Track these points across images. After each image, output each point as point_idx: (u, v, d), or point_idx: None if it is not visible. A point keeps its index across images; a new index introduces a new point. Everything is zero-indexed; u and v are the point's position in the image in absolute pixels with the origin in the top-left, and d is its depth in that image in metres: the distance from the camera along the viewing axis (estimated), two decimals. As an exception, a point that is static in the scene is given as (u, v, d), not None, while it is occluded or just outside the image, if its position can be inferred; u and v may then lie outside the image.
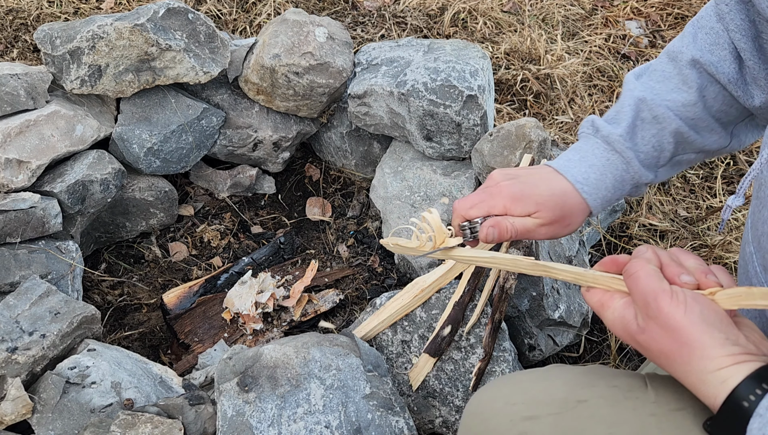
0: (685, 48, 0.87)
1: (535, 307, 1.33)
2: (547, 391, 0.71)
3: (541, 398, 0.70)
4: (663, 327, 0.63)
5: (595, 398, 0.68)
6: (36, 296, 1.23)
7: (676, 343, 0.63)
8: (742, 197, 0.80)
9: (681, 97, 0.87)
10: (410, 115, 1.52)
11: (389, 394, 1.14)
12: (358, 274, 1.64)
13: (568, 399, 0.69)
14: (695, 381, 0.62)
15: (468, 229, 0.84)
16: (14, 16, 1.92)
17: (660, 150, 0.88)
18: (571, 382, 0.72)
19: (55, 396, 1.08)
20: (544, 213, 0.82)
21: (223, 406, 1.09)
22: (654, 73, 0.90)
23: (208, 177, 1.75)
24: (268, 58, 1.54)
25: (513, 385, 0.75)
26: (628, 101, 0.89)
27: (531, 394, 0.72)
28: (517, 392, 0.73)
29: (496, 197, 0.84)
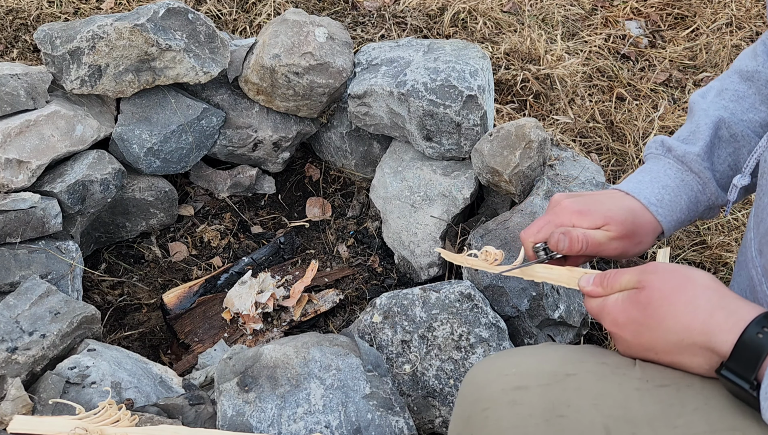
0: (761, 67, 0.85)
1: (535, 307, 1.33)
2: (539, 365, 0.74)
3: (532, 371, 0.73)
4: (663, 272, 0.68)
5: (584, 373, 0.71)
6: (36, 296, 1.24)
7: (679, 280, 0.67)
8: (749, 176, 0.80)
9: (758, 117, 0.85)
10: (410, 115, 1.52)
11: (389, 394, 1.14)
12: (358, 274, 1.65)
13: (558, 372, 0.71)
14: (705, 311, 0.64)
15: (542, 250, 0.82)
16: (14, 16, 1.92)
17: (736, 170, 0.86)
18: (561, 358, 0.74)
19: (55, 396, 1.08)
20: (614, 226, 0.81)
21: (223, 406, 1.09)
22: (726, 93, 0.88)
23: (208, 177, 1.75)
24: (268, 58, 1.54)
25: (507, 359, 0.77)
26: (703, 120, 0.86)
27: (523, 367, 0.74)
28: (510, 365, 0.75)
29: (561, 215, 0.83)
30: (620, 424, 0.65)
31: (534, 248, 0.84)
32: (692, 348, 0.66)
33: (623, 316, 0.71)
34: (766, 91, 0.85)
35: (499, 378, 0.74)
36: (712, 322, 0.64)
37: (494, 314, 1.31)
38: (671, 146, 0.87)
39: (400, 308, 1.30)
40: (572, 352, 0.76)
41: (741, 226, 1.74)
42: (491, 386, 0.73)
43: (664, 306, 0.67)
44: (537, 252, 0.83)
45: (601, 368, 0.71)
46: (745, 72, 0.87)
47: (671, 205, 0.84)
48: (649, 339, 0.69)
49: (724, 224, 1.76)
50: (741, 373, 0.62)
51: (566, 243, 0.80)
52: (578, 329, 1.40)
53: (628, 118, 1.99)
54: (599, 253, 0.83)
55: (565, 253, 0.82)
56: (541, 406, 0.69)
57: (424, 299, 1.31)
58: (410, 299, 1.31)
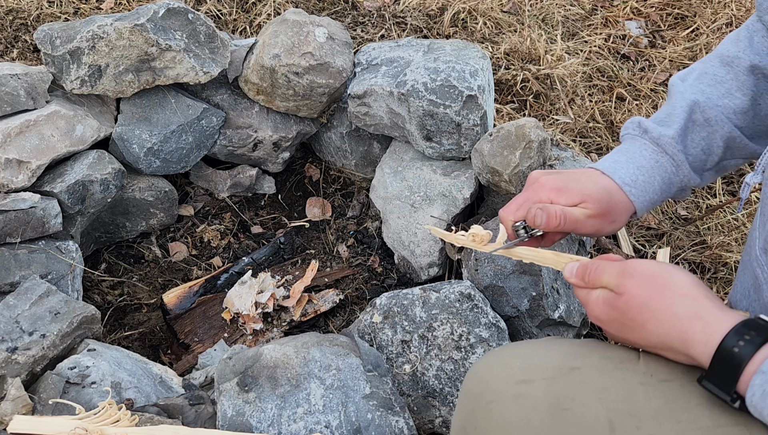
0: (741, 53, 0.85)
1: (534, 307, 1.33)
2: (543, 359, 0.74)
3: (537, 364, 0.73)
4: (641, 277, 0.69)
5: (588, 367, 0.71)
6: (36, 296, 1.24)
7: (656, 286, 0.68)
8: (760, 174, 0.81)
9: (733, 103, 0.86)
10: (410, 115, 1.52)
11: (389, 394, 1.14)
12: (358, 274, 1.65)
13: (562, 366, 0.72)
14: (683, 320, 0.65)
15: (522, 228, 0.84)
16: (14, 16, 1.92)
17: (708, 153, 0.87)
18: (566, 352, 0.75)
19: (55, 396, 1.08)
20: (591, 204, 0.82)
21: (223, 406, 1.09)
22: (704, 77, 0.88)
23: (208, 177, 1.75)
24: (268, 58, 1.54)
25: (511, 352, 0.78)
26: (679, 103, 0.87)
27: (528, 360, 0.75)
28: (514, 358, 0.76)
29: (539, 191, 0.84)
30: (624, 418, 0.65)
31: (514, 227, 0.85)
32: (673, 350, 0.68)
33: (605, 315, 0.73)
34: (743, 78, 0.85)
35: (503, 371, 0.74)
36: (690, 332, 0.65)
37: (494, 314, 1.31)
38: (647, 128, 0.88)
39: (400, 308, 1.30)
40: (576, 346, 0.76)
41: (741, 226, 1.74)
42: (496, 380, 0.74)
43: (643, 313, 0.68)
44: (517, 230, 0.85)
45: (605, 362, 0.71)
46: (726, 57, 0.88)
47: (645, 185, 0.85)
48: (632, 337, 0.71)
49: (724, 224, 1.76)
50: (721, 386, 0.62)
51: (544, 218, 0.81)
52: (578, 329, 1.40)
53: (628, 118, 1.99)
54: (575, 230, 0.84)
55: (543, 228, 0.83)
56: (546, 400, 0.69)
57: (424, 299, 1.31)
58: (410, 299, 1.31)
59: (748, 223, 1.75)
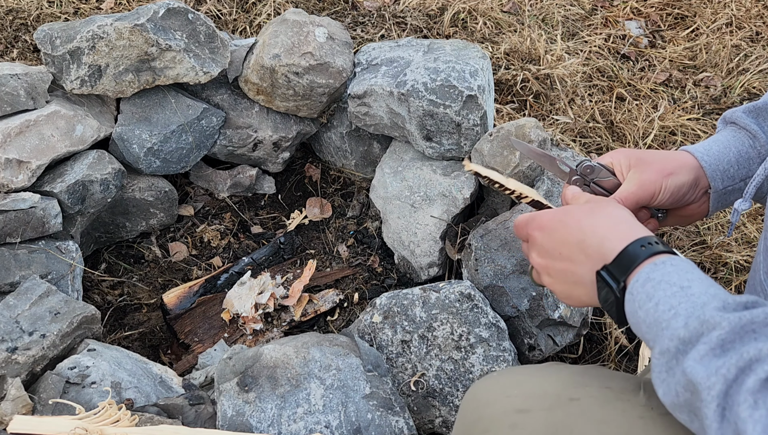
0: None
1: (534, 307, 1.33)
2: (542, 387, 0.73)
3: (536, 392, 0.73)
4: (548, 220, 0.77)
5: (587, 397, 0.71)
6: (36, 296, 1.24)
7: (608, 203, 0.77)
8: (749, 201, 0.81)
9: None
10: (410, 115, 1.52)
11: (389, 394, 1.14)
12: (358, 274, 1.65)
13: (561, 396, 0.71)
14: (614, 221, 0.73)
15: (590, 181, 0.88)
16: (14, 16, 1.92)
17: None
18: (565, 380, 0.74)
19: (55, 396, 1.08)
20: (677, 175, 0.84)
21: (223, 406, 1.09)
22: None
23: (208, 177, 1.75)
24: (268, 58, 1.54)
25: (510, 378, 0.77)
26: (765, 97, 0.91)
27: (526, 387, 0.74)
28: (513, 384, 0.75)
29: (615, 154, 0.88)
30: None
31: None
32: (587, 250, 0.72)
33: (548, 217, 0.77)
34: None
35: (501, 398, 0.74)
36: (615, 230, 0.71)
37: (494, 314, 1.31)
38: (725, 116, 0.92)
39: (400, 308, 1.30)
40: (577, 374, 0.76)
41: (741, 226, 1.74)
42: (493, 406, 0.73)
43: (585, 213, 0.76)
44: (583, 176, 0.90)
45: (605, 393, 0.71)
46: None
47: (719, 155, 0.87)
48: (560, 236, 0.75)
49: (724, 224, 1.76)
50: (615, 276, 0.69)
51: None
52: (578, 329, 1.40)
53: (628, 118, 1.99)
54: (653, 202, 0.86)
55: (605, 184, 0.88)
56: (543, 431, 0.69)
57: (424, 299, 1.31)
58: (410, 299, 1.31)
59: (748, 223, 1.75)
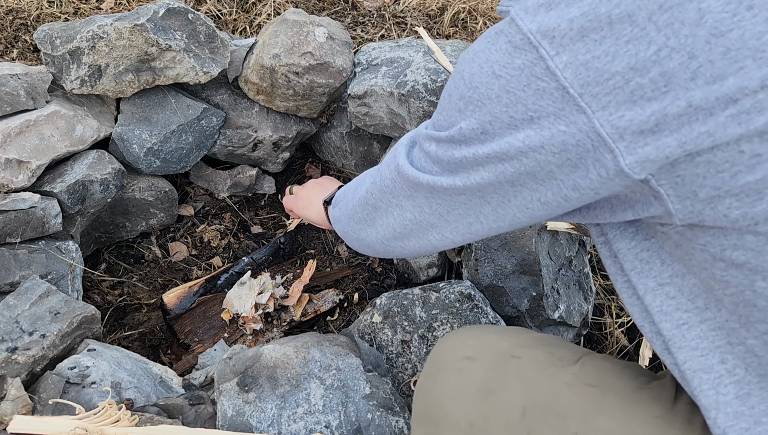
0: None
1: (534, 307, 1.33)
2: (495, 343, 0.81)
3: (488, 347, 0.80)
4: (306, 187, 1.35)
5: (527, 358, 0.78)
6: (36, 296, 1.24)
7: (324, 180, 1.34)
8: None
9: None
10: (410, 116, 1.52)
11: (389, 394, 1.14)
12: (358, 274, 1.65)
13: (507, 353, 0.79)
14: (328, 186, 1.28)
15: None
16: (14, 16, 1.92)
17: None
18: (517, 341, 0.81)
19: (55, 396, 1.08)
20: None
21: (223, 406, 1.09)
22: None
23: (208, 177, 1.75)
24: (268, 58, 1.54)
25: (473, 333, 0.86)
26: None
27: (482, 341, 0.82)
28: (473, 337, 0.83)
29: None
30: (536, 410, 0.72)
31: None
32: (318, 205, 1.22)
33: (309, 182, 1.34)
34: None
35: (457, 346, 0.82)
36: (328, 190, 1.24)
37: (494, 314, 1.31)
38: None
39: (400, 308, 1.30)
40: (531, 338, 0.83)
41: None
42: (448, 352, 0.82)
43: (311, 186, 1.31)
44: None
45: (546, 357, 0.78)
46: None
47: None
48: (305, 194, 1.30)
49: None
50: (329, 200, 1.17)
51: None
52: (578, 329, 1.40)
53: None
54: None
55: None
56: (480, 379, 0.76)
57: (424, 299, 1.31)
58: (410, 299, 1.31)
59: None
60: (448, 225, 0.73)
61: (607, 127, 0.53)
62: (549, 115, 0.55)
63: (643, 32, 0.51)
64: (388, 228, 0.83)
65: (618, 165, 0.54)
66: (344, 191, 1.04)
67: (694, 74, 0.49)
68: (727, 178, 0.51)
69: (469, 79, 0.61)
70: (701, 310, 0.62)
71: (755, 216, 0.52)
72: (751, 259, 0.54)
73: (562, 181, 0.59)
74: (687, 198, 0.54)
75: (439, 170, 0.68)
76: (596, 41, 0.52)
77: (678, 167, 0.53)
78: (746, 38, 0.48)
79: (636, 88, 0.51)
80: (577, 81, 0.53)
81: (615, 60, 0.52)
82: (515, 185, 0.62)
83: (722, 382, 0.60)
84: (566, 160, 0.57)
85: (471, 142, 0.63)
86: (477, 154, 0.62)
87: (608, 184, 0.57)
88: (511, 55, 0.57)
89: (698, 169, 0.52)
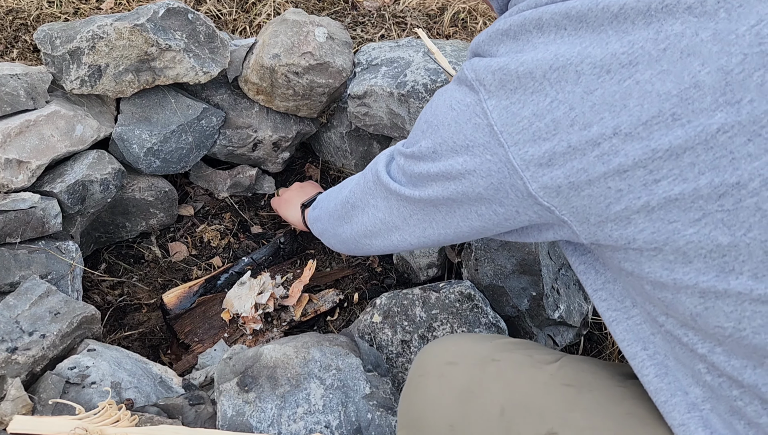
0: None
1: (534, 307, 1.33)
2: (475, 349, 0.87)
3: (469, 352, 0.86)
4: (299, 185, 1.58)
5: (507, 360, 0.83)
6: (36, 296, 1.24)
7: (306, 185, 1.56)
8: None
9: None
10: (410, 116, 1.52)
11: (389, 394, 1.14)
12: (358, 274, 1.65)
13: (486, 357, 0.84)
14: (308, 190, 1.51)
15: None
16: (14, 16, 1.92)
17: None
18: (497, 346, 0.87)
19: (55, 396, 1.08)
20: None
21: (223, 406, 1.09)
22: None
23: (208, 177, 1.75)
24: (268, 58, 1.54)
25: (455, 340, 0.91)
26: None
27: (463, 347, 0.87)
28: (454, 344, 0.89)
29: None
30: (515, 408, 0.77)
31: None
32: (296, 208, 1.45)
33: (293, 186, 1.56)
34: None
35: (440, 352, 0.87)
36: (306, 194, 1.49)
37: (494, 314, 1.31)
38: None
39: (400, 308, 1.30)
40: (510, 343, 0.89)
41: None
42: (431, 359, 0.87)
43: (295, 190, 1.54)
44: None
45: (525, 359, 0.83)
46: None
47: None
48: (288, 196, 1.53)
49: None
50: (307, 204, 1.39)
51: None
52: (578, 329, 1.40)
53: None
54: None
55: None
56: (461, 383, 0.81)
57: (424, 299, 1.31)
58: (410, 299, 1.31)
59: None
60: (408, 228, 0.87)
61: (518, 160, 0.66)
62: (480, 145, 0.69)
63: (540, 86, 0.64)
64: (361, 225, 0.97)
65: (527, 189, 0.67)
66: (326, 196, 1.20)
67: (573, 121, 0.62)
68: (603, 208, 0.64)
69: (435, 108, 0.76)
70: (629, 308, 0.73)
71: (627, 237, 0.64)
72: (635, 269, 0.66)
73: (490, 200, 0.72)
74: (583, 223, 0.67)
75: (406, 181, 0.83)
76: (511, 90, 0.66)
77: (570, 200, 0.65)
78: (605, 95, 0.60)
79: (536, 130, 0.64)
80: (500, 121, 0.67)
81: (524, 107, 0.65)
82: (456, 200, 0.76)
83: (644, 365, 0.72)
84: (491, 184, 0.70)
85: (425, 159, 0.77)
86: (429, 171, 0.76)
87: (524, 205, 0.70)
88: (465, 94, 0.71)
89: (584, 201, 0.65)
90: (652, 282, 0.65)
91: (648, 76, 0.58)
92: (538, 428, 0.74)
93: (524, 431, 0.75)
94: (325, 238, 1.16)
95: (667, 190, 0.59)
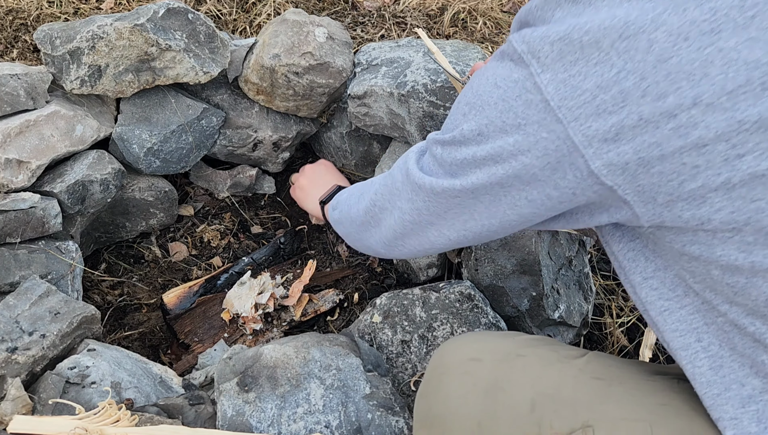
0: None
1: (534, 307, 1.33)
2: (499, 345, 0.85)
3: (492, 348, 0.84)
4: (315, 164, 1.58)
5: (533, 355, 0.82)
6: (36, 296, 1.24)
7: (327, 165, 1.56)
8: None
9: None
10: (410, 117, 1.52)
11: (389, 394, 1.14)
12: (358, 274, 1.65)
13: (511, 352, 0.82)
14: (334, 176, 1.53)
15: None
16: (14, 16, 1.92)
17: None
18: (520, 342, 0.85)
19: (55, 396, 1.08)
20: None
21: (223, 406, 1.09)
22: None
23: (208, 177, 1.75)
24: (268, 58, 1.54)
25: (475, 337, 0.89)
26: None
27: (485, 344, 0.86)
28: (475, 341, 0.87)
29: None
30: (546, 401, 0.75)
31: None
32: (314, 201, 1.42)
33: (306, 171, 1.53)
34: None
35: (460, 349, 0.85)
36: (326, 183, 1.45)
37: (494, 314, 1.31)
38: None
39: (400, 308, 1.30)
40: (534, 339, 0.87)
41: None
42: (452, 355, 0.85)
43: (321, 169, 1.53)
44: None
45: (550, 354, 0.82)
46: None
47: None
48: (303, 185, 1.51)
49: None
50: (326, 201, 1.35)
51: None
52: (578, 329, 1.40)
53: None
54: None
55: None
56: (487, 379, 0.79)
57: (424, 299, 1.31)
58: (410, 299, 1.31)
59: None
60: (445, 223, 0.82)
61: (579, 136, 0.62)
62: (534, 123, 0.64)
63: (606, 57, 0.59)
64: (389, 229, 0.92)
65: (588, 168, 0.63)
66: (347, 199, 1.13)
67: (644, 92, 0.58)
68: (675, 186, 0.60)
69: (476, 88, 0.71)
70: (681, 297, 0.70)
71: (701, 217, 0.60)
72: (704, 253, 0.63)
73: (545, 182, 0.68)
74: (648, 202, 0.63)
75: (442, 173, 0.78)
76: (571, 62, 0.61)
77: (638, 178, 0.62)
78: (683, 63, 0.56)
79: (600, 103, 0.60)
80: (557, 95, 0.62)
81: (586, 79, 0.61)
82: (504, 186, 0.71)
83: (698, 356, 0.69)
84: (547, 163, 0.66)
85: (469, 143, 0.72)
86: (475, 155, 0.71)
87: (583, 186, 0.66)
88: (511, 70, 0.66)
89: (653, 179, 0.61)
90: (723, 266, 0.62)
91: (733, 43, 0.54)
92: (572, 422, 0.73)
93: (557, 425, 0.73)
94: (350, 241, 1.11)
95: (753, 165, 0.55)
